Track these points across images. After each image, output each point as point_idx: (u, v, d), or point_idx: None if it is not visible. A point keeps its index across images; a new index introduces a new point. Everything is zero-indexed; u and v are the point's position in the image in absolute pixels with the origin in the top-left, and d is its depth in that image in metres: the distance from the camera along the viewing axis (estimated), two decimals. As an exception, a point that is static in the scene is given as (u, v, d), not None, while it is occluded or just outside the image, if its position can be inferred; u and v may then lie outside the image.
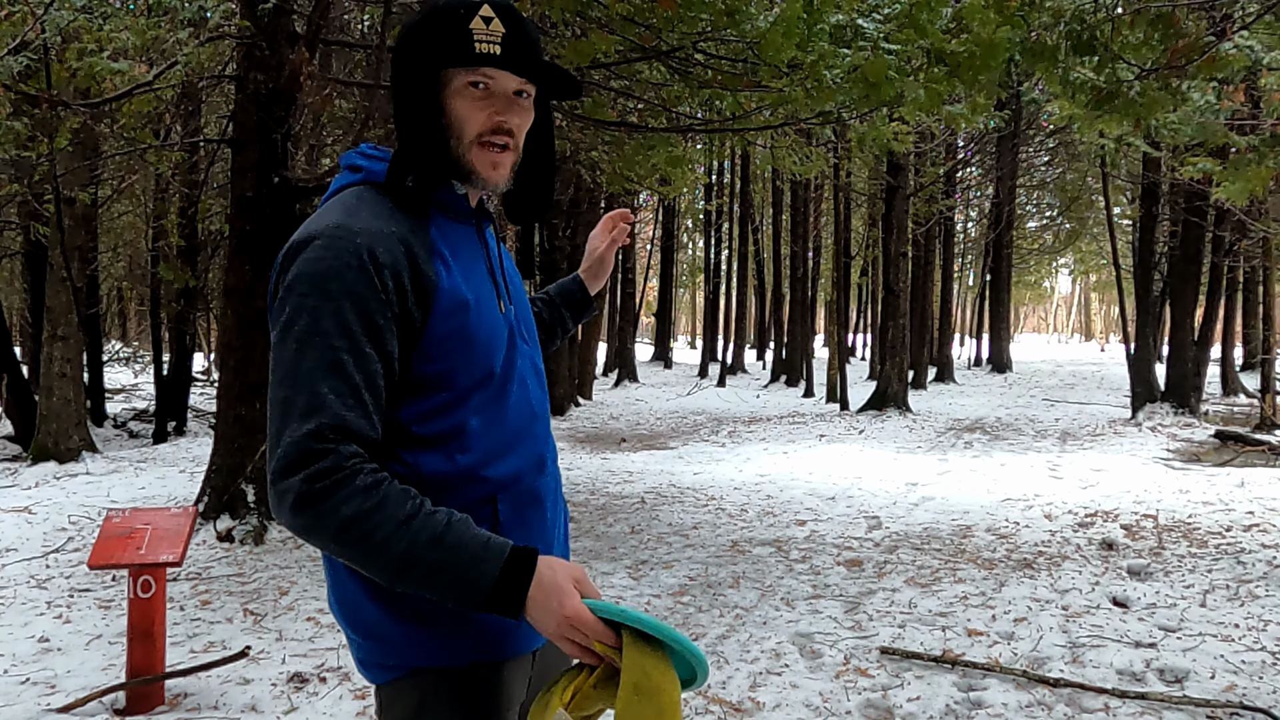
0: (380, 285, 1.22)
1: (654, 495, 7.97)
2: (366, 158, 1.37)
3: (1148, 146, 10.69)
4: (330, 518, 1.14)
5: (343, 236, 1.22)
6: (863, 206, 25.35)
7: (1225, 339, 19.80)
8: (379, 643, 1.31)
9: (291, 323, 1.20)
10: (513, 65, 1.31)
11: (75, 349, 9.50)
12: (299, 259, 1.23)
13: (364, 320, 1.20)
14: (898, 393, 15.48)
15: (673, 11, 5.43)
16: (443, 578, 1.16)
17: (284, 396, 1.18)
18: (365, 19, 10.04)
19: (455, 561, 1.16)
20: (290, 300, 1.21)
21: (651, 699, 1.11)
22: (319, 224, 1.26)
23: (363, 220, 1.25)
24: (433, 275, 1.28)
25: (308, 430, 1.16)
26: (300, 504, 1.15)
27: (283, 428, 1.17)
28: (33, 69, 6.71)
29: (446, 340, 1.28)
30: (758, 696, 3.58)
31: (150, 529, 3.54)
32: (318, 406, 1.17)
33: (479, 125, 1.31)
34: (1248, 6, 6.65)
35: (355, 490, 1.15)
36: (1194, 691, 3.61)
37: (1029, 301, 65.54)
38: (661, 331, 31.73)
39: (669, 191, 12.24)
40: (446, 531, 1.16)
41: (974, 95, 6.82)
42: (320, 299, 1.20)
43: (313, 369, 1.18)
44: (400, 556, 1.15)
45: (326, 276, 1.20)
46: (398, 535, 1.15)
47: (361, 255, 1.22)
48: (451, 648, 1.31)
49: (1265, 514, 6.77)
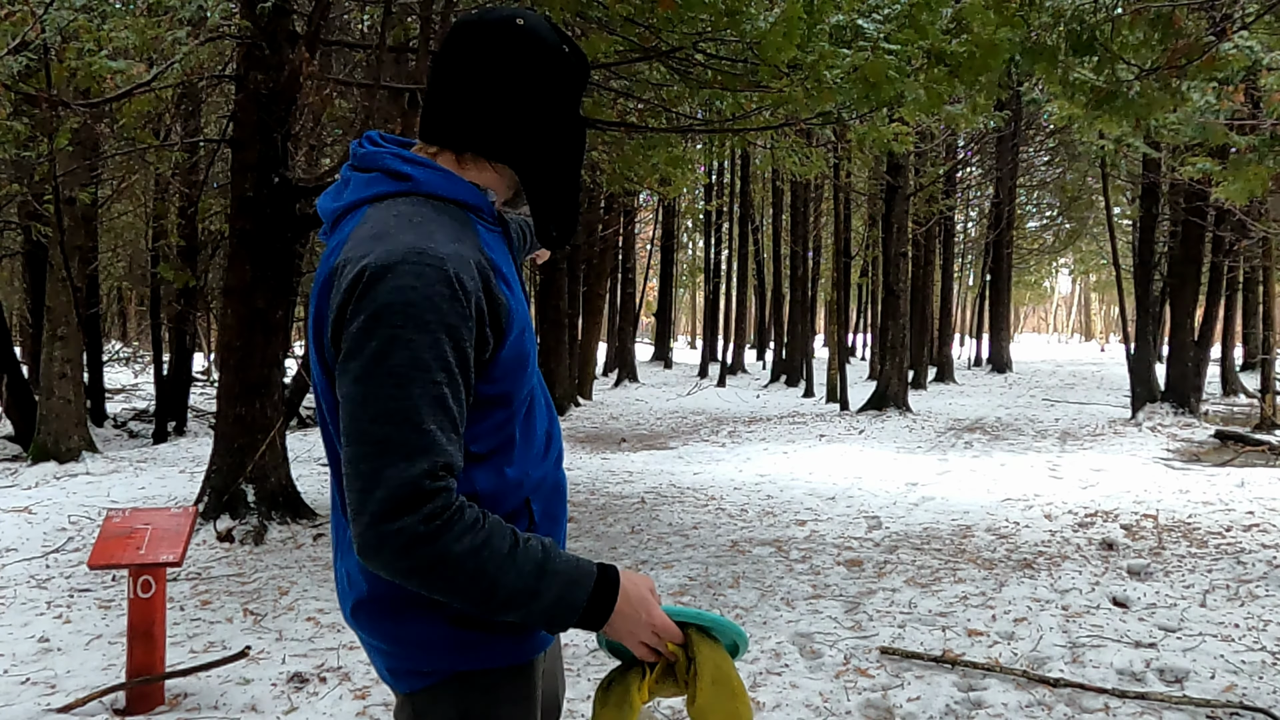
0: (469, 312, 1.19)
1: (654, 495, 7.97)
2: (407, 163, 1.31)
3: (1148, 147, 10.69)
4: (445, 557, 1.13)
5: (430, 263, 1.17)
6: (863, 206, 25.34)
7: (1225, 339, 19.80)
8: (418, 650, 1.30)
9: (384, 356, 1.14)
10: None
11: (75, 349, 9.50)
12: (381, 286, 1.15)
13: (457, 350, 1.18)
14: (898, 393, 15.49)
15: (673, 12, 5.43)
16: (542, 603, 1.20)
17: (384, 434, 1.13)
18: (365, 19, 10.03)
19: (555, 589, 1.20)
20: (380, 332, 1.14)
21: (725, 685, 1.29)
22: (394, 246, 1.18)
23: (441, 243, 1.20)
24: (503, 299, 1.25)
25: (423, 470, 1.12)
26: (414, 545, 1.12)
27: (384, 466, 1.12)
28: (33, 69, 6.71)
29: (511, 361, 1.27)
30: (758, 696, 3.58)
31: (150, 529, 3.54)
32: (428, 445, 1.13)
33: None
34: (1248, 6, 6.65)
35: (466, 527, 1.15)
36: (1194, 691, 3.61)
37: (1029, 301, 65.52)
38: (661, 331, 31.73)
39: (669, 191, 12.23)
40: (545, 559, 1.20)
41: (974, 95, 6.83)
42: (417, 331, 1.14)
43: (418, 405, 1.14)
44: (510, 588, 1.17)
45: (420, 307, 1.15)
46: (506, 567, 1.16)
47: (452, 284, 1.17)
48: (495, 649, 1.32)
49: (1265, 514, 6.77)
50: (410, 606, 1.29)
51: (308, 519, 6.55)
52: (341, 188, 1.35)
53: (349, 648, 4.07)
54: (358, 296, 1.16)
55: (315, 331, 1.27)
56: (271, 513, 6.39)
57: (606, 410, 16.73)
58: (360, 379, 1.15)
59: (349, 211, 1.31)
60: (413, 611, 1.29)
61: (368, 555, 1.14)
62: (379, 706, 3.47)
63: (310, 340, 1.30)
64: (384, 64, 6.25)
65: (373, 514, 1.11)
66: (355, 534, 1.14)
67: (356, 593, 1.35)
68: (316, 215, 7.66)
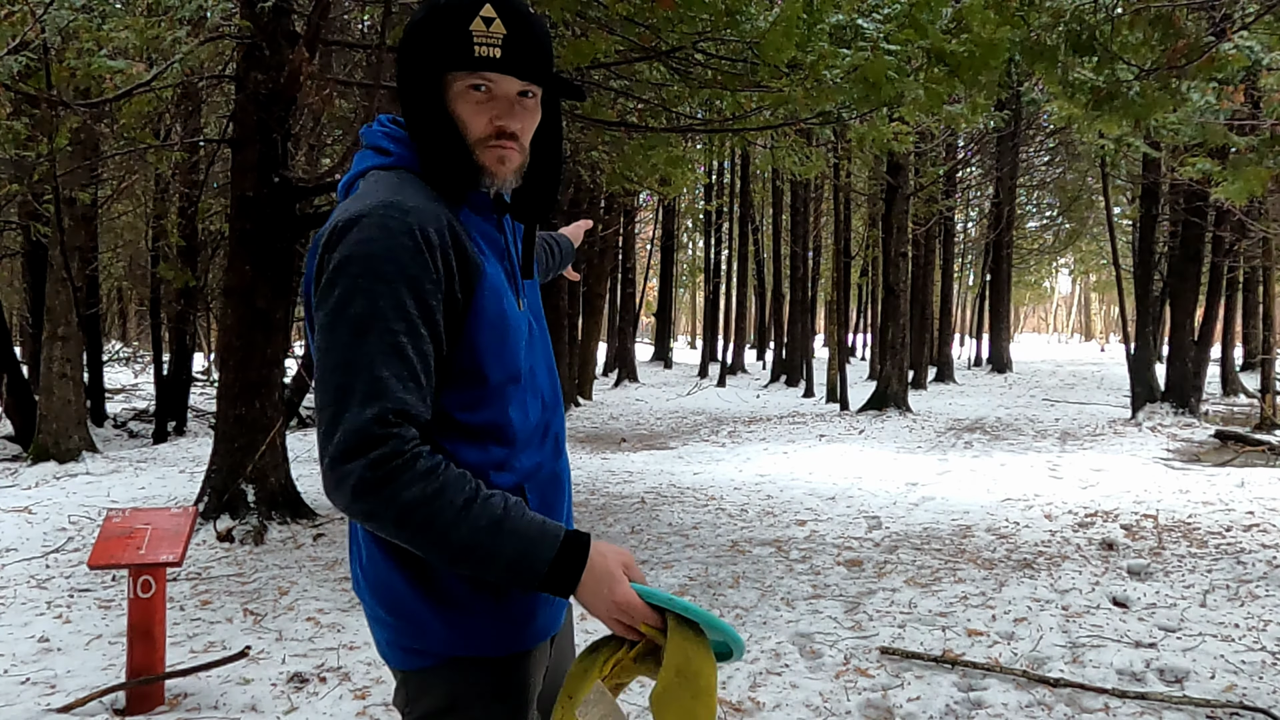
0: (433, 265, 1.21)
1: (654, 495, 7.97)
2: (394, 141, 1.35)
3: (1148, 147, 10.69)
4: (392, 503, 1.14)
5: (394, 215, 1.20)
6: (863, 206, 25.34)
7: (1225, 339, 19.79)
8: (413, 626, 1.31)
9: (344, 306, 1.18)
10: (514, 69, 1.28)
11: (75, 349, 9.50)
12: (347, 239, 1.20)
13: (419, 302, 1.20)
14: (898, 393, 15.48)
15: (673, 11, 5.43)
16: (500, 561, 1.18)
17: (340, 382, 1.17)
18: (365, 19, 10.03)
19: (513, 546, 1.18)
20: (342, 282, 1.19)
21: (691, 681, 1.21)
22: (365, 202, 1.23)
23: (411, 199, 1.24)
24: (477, 259, 1.28)
25: (371, 415, 1.15)
26: (361, 489, 1.14)
27: (340, 412, 1.16)
28: (33, 69, 6.70)
29: (487, 328, 1.28)
30: (758, 696, 3.58)
31: (150, 529, 3.54)
32: (379, 392, 1.16)
33: (480, 129, 1.30)
34: (1248, 6, 6.65)
35: (417, 475, 1.15)
36: (1194, 691, 3.61)
37: (1029, 301, 65.52)
38: (661, 331, 31.73)
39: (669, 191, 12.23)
40: (504, 517, 1.18)
41: (974, 95, 6.82)
42: (375, 280, 1.18)
43: (372, 353, 1.17)
44: (461, 541, 1.16)
45: (380, 258, 1.18)
46: (458, 520, 1.16)
47: (415, 234, 1.20)
48: (489, 637, 1.32)
49: (1265, 514, 6.77)
50: (408, 585, 1.30)
51: (308, 519, 6.55)
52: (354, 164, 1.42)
53: (349, 648, 4.07)
54: (322, 250, 1.23)
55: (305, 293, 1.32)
56: (271, 513, 6.39)
57: (606, 410, 16.73)
58: (324, 328, 1.20)
59: (350, 187, 1.37)
60: (409, 591, 1.30)
61: (329, 495, 1.18)
62: (379, 706, 3.47)
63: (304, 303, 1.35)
64: (384, 64, 6.25)
65: (330, 457, 1.15)
66: (321, 475, 1.19)
67: (359, 562, 1.37)
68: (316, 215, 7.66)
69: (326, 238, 1.24)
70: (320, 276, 1.24)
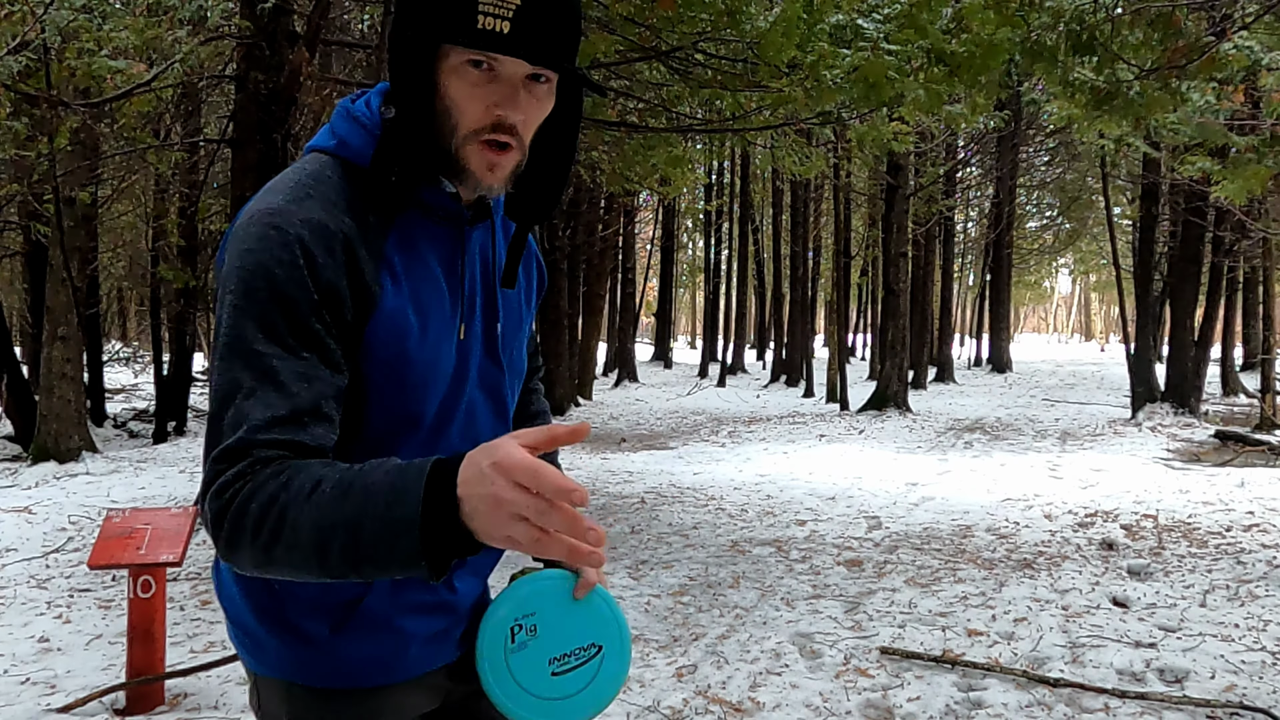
0: (313, 285, 1.03)
1: (654, 495, 7.97)
2: (348, 120, 1.15)
3: (1148, 147, 10.70)
4: (244, 521, 0.93)
5: (277, 225, 1.03)
6: (863, 206, 25.35)
7: (1225, 339, 19.80)
8: (256, 645, 1.21)
9: (219, 326, 1.03)
10: (524, 49, 1.04)
11: (75, 349, 9.50)
12: (230, 250, 1.06)
13: (294, 325, 1.02)
14: (898, 393, 15.49)
15: (673, 12, 5.43)
16: (367, 532, 0.88)
17: (211, 413, 1.01)
18: (365, 19, 10.04)
19: (373, 508, 0.88)
20: (222, 297, 1.04)
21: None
22: (259, 204, 1.08)
23: (307, 207, 1.05)
24: (375, 291, 1.08)
25: (225, 447, 0.97)
26: (216, 523, 0.95)
27: (210, 447, 0.99)
28: (33, 69, 6.71)
29: (378, 367, 1.09)
30: (758, 696, 3.58)
31: (150, 529, 3.54)
32: (238, 422, 0.98)
33: (475, 119, 1.07)
34: (1247, 6, 6.65)
35: (261, 482, 0.94)
36: (1194, 691, 3.61)
37: (1029, 301, 65.55)
38: (661, 331, 31.73)
39: (669, 191, 12.24)
40: (353, 480, 0.91)
41: (974, 95, 6.83)
42: (245, 299, 1.02)
43: (237, 380, 1.00)
44: (316, 525, 0.90)
45: (254, 274, 1.02)
46: (307, 506, 0.91)
47: (294, 250, 1.02)
48: (324, 670, 1.18)
49: (1265, 514, 6.77)
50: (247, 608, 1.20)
51: (308, 519, 6.54)
52: None
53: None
54: (222, 252, 1.09)
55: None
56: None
57: (606, 410, 16.73)
58: (213, 348, 1.06)
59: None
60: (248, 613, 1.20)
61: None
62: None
63: None
64: (384, 64, 6.25)
65: (200, 495, 1.00)
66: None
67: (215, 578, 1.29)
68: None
69: (227, 237, 1.09)
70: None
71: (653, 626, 4.43)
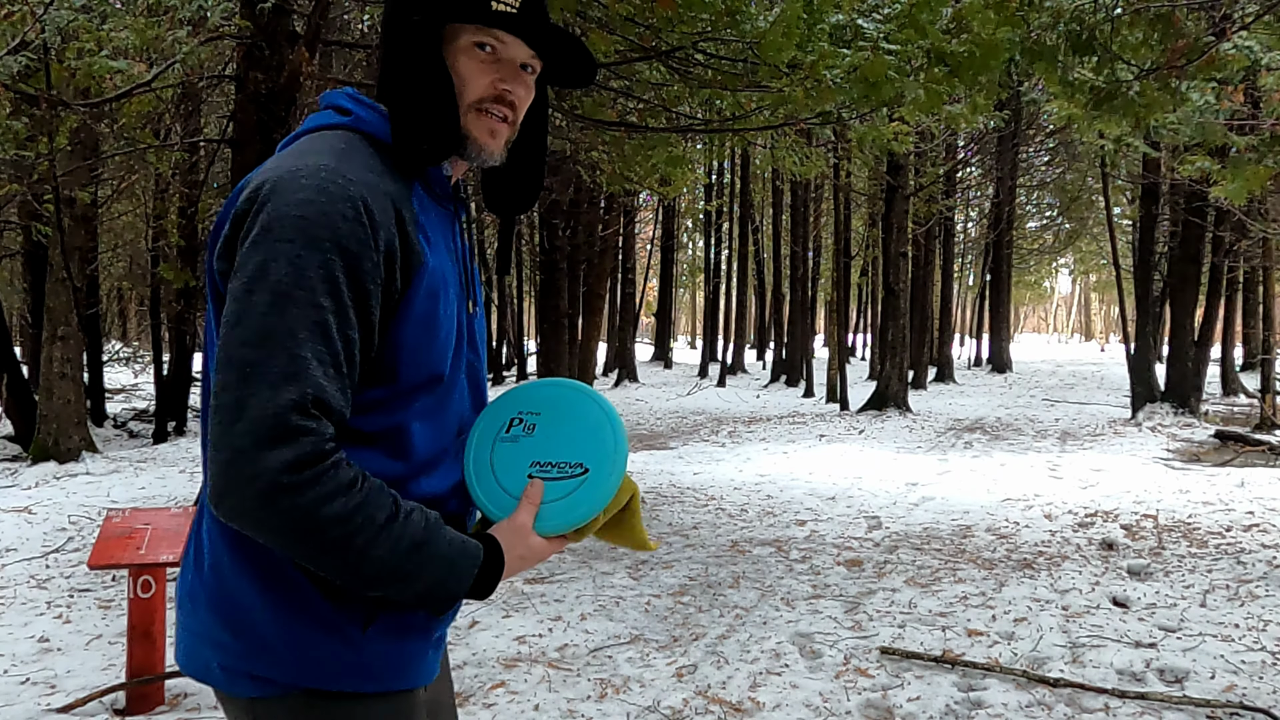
0: (374, 245, 1.03)
1: (654, 495, 7.97)
2: (355, 102, 1.19)
3: (1147, 147, 10.69)
4: (310, 515, 0.96)
5: (335, 180, 1.03)
6: (863, 206, 25.36)
7: (1225, 339, 19.81)
8: (261, 649, 1.11)
9: (265, 271, 0.98)
10: (528, 33, 1.15)
11: (75, 349, 9.50)
12: (278, 198, 1.02)
13: (353, 282, 1.02)
14: (898, 393, 15.49)
15: (673, 12, 5.43)
16: (417, 585, 1.05)
17: (252, 357, 0.96)
18: (365, 19, 10.03)
19: (430, 573, 1.05)
20: (266, 245, 1.00)
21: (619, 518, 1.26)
22: (302, 161, 1.06)
23: (355, 168, 1.07)
24: (420, 249, 1.11)
25: (289, 401, 0.95)
26: (276, 494, 0.94)
27: (249, 394, 0.95)
28: (33, 69, 6.70)
29: (413, 327, 1.11)
30: (758, 696, 3.58)
31: (150, 529, 3.54)
32: (298, 373, 0.96)
33: (480, 90, 1.15)
34: (1247, 6, 6.65)
35: (341, 485, 0.98)
36: (1194, 691, 3.61)
37: (1029, 301, 65.55)
38: (661, 331, 31.73)
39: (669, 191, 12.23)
40: (426, 540, 1.04)
41: (974, 95, 6.82)
42: (306, 247, 0.99)
43: (292, 328, 0.97)
44: (379, 564, 1.01)
45: (315, 222, 1.00)
46: (378, 541, 1.00)
47: (357, 205, 1.03)
48: (354, 671, 1.13)
49: (1265, 514, 6.77)
50: (261, 595, 1.10)
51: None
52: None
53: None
54: (254, 210, 1.03)
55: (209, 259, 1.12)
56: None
57: (606, 410, 16.71)
58: (238, 296, 1.00)
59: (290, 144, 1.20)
60: (264, 603, 1.10)
61: (221, 500, 0.98)
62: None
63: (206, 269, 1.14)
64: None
65: (233, 450, 0.95)
66: (211, 475, 0.98)
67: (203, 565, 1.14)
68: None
69: (250, 194, 1.05)
70: (238, 238, 1.04)
71: (653, 626, 4.43)
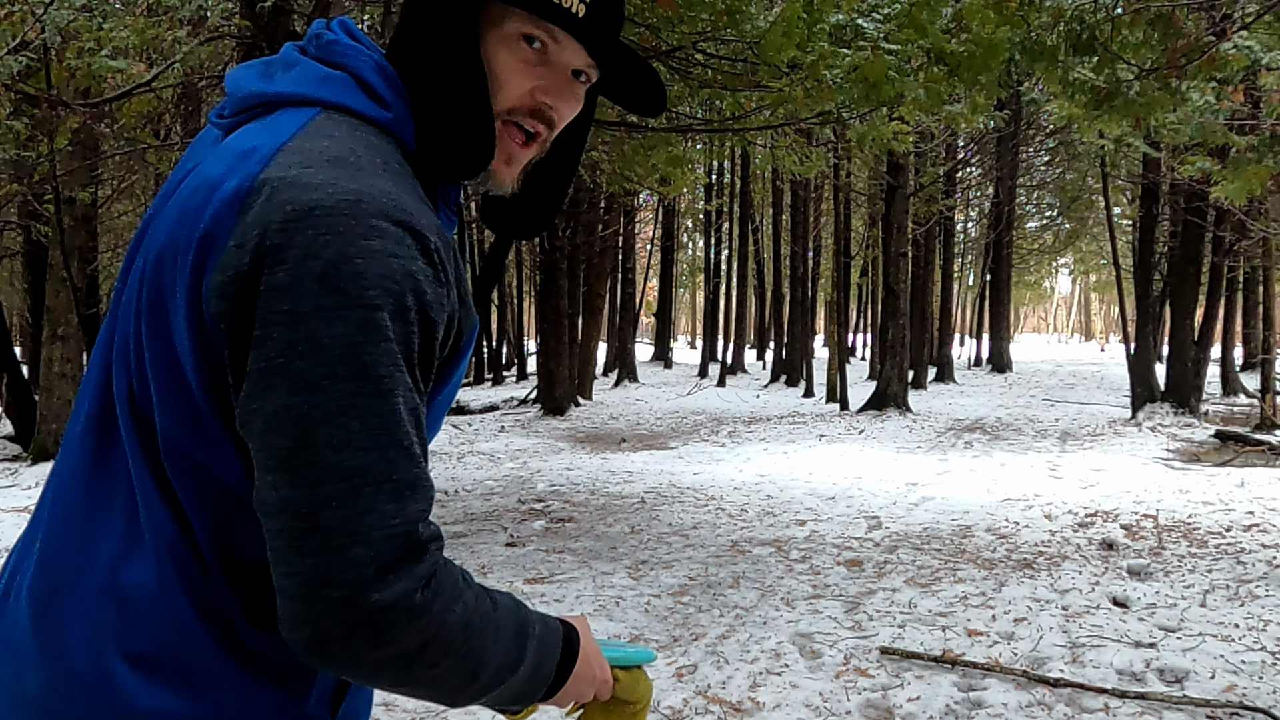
0: (447, 307, 0.83)
1: (654, 495, 7.97)
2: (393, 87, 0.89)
3: (1148, 147, 10.71)
4: (441, 633, 0.78)
5: (409, 226, 0.78)
6: (863, 206, 25.37)
7: (1225, 339, 19.82)
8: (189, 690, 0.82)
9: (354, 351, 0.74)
10: (591, 36, 0.89)
11: (75, 349, 9.51)
12: (343, 241, 0.75)
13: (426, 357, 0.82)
14: (898, 393, 15.49)
15: (673, 11, 5.43)
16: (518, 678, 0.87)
17: (359, 465, 0.74)
18: (365, 19, 10.04)
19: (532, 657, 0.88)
20: (337, 308, 0.74)
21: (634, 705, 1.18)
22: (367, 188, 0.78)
23: (412, 199, 0.81)
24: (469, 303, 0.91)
25: (419, 512, 0.77)
26: (411, 619, 0.76)
27: (365, 513, 0.74)
28: (33, 69, 6.71)
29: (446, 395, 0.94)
30: (758, 696, 3.58)
31: (150, 529, 3.53)
32: (419, 478, 0.78)
33: (514, 97, 0.90)
34: (1247, 6, 6.65)
35: (456, 588, 0.81)
36: (1194, 691, 3.61)
37: (1029, 301, 65.57)
38: (661, 331, 31.75)
39: (669, 191, 12.25)
40: (525, 623, 0.89)
41: (974, 95, 6.83)
42: (395, 318, 0.76)
43: (398, 421, 0.76)
44: (495, 664, 0.84)
45: (403, 288, 0.76)
46: (495, 637, 0.83)
47: (435, 264, 0.80)
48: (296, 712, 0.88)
49: (1265, 514, 6.77)
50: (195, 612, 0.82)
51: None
52: (279, 69, 0.91)
53: None
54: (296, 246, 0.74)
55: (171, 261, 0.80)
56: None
57: (606, 410, 16.73)
58: (311, 380, 0.74)
59: (287, 105, 0.87)
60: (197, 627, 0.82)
61: (328, 647, 0.75)
62: (378, 706, 3.46)
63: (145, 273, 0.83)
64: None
65: (351, 584, 0.73)
66: (304, 617, 0.74)
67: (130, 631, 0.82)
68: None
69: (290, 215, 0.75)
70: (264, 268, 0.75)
71: (653, 626, 4.43)
